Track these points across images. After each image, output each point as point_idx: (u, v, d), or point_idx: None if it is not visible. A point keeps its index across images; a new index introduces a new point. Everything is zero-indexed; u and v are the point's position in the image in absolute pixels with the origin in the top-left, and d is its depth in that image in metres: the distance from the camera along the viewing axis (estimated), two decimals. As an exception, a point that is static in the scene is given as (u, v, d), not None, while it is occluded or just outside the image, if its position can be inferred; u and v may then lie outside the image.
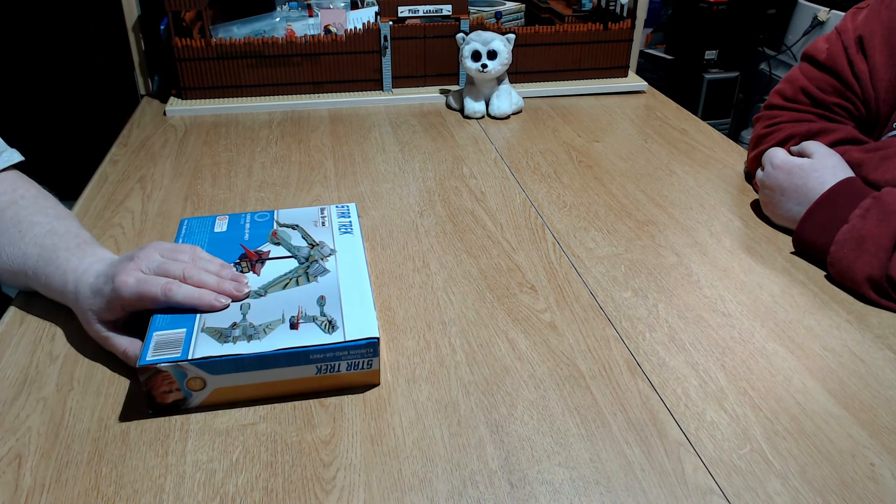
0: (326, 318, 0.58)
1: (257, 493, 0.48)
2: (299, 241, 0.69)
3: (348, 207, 0.76)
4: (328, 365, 0.56)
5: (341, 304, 0.59)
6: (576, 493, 0.49)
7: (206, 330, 0.56)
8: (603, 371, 0.60)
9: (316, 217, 0.73)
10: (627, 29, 1.28)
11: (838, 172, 0.75)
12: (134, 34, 1.24)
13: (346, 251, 0.68)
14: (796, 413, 0.56)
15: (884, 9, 0.83)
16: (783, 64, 2.42)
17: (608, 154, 1.03)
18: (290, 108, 1.20)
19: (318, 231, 0.71)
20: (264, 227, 0.71)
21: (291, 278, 0.63)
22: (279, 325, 0.57)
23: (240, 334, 0.55)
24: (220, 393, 0.55)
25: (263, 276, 0.63)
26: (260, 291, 0.61)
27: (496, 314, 0.67)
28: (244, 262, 0.65)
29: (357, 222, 0.73)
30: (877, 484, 0.49)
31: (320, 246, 0.68)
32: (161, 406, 0.55)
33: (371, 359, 0.56)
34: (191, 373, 0.53)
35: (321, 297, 0.60)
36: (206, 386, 0.54)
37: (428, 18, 1.21)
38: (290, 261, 0.66)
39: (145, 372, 0.53)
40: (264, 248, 0.67)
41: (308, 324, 0.57)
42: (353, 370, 0.56)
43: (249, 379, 0.55)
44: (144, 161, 1.00)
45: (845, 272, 0.69)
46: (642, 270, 0.75)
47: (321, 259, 0.66)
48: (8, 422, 0.54)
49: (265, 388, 0.56)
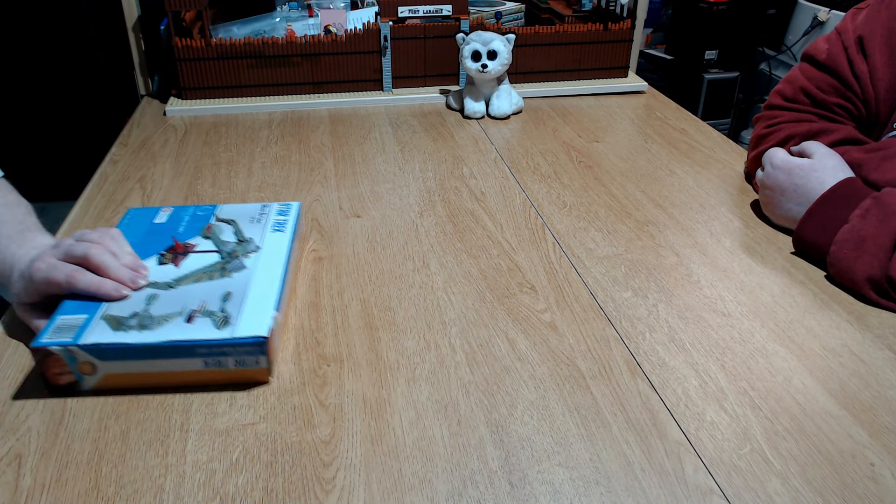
0: (224, 314, 0.59)
1: (257, 493, 0.48)
2: (230, 236, 0.70)
3: (290, 206, 0.76)
4: (215, 360, 0.57)
5: (244, 302, 0.60)
6: (576, 493, 0.49)
7: (105, 317, 0.58)
8: (603, 371, 0.60)
9: (255, 214, 0.74)
10: (627, 29, 1.28)
11: (838, 173, 0.75)
12: (134, 34, 1.24)
13: (271, 249, 0.68)
14: (796, 413, 0.56)
15: (883, 9, 0.83)
16: (783, 64, 2.42)
17: (608, 154, 1.03)
18: (290, 108, 1.20)
19: (252, 228, 0.72)
20: (202, 220, 0.73)
21: (207, 272, 0.64)
22: (176, 318, 0.58)
23: (135, 324, 0.57)
24: (111, 378, 0.57)
25: (183, 268, 0.65)
26: (172, 283, 0.62)
27: (496, 314, 0.67)
28: (168, 254, 0.67)
29: (294, 221, 0.74)
30: (877, 484, 0.49)
31: (247, 242, 0.69)
32: (55, 387, 0.57)
33: (258, 357, 0.57)
34: (81, 357, 0.55)
35: (228, 293, 0.61)
36: (96, 371, 0.56)
37: (428, 18, 1.21)
38: (213, 255, 0.67)
39: (38, 353, 0.55)
40: (193, 242, 0.69)
41: (204, 318, 0.58)
42: (240, 367, 0.57)
43: (138, 368, 0.56)
44: (144, 161, 1.00)
45: (845, 272, 0.69)
46: (642, 270, 0.75)
47: (243, 255, 0.67)
48: (8, 422, 0.54)
49: (155, 378, 0.57)
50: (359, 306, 0.68)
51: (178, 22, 1.15)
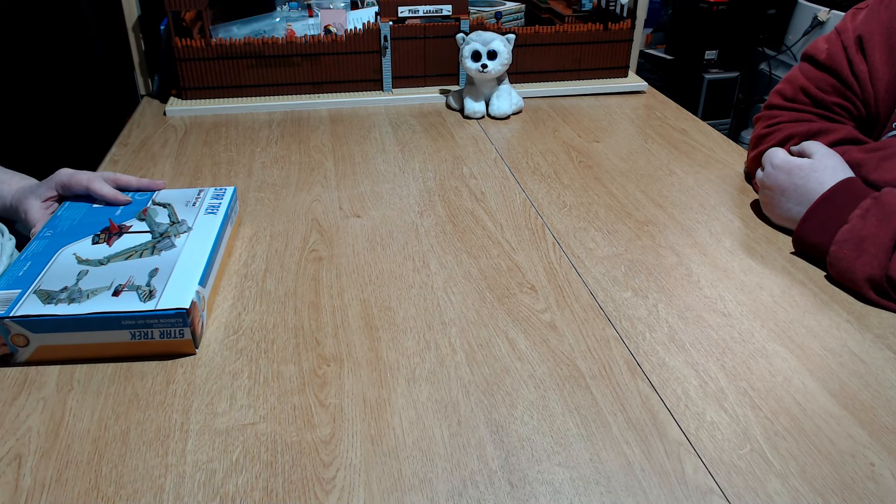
0: (149, 288, 0.62)
1: (257, 493, 0.48)
2: (164, 218, 0.74)
3: (225, 190, 0.80)
4: (141, 332, 0.60)
5: (169, 277, 0.64)
6: (576, 493, 0.49)
7: (36, 292, 0.61)
8: (603, 371, 0.60)
9: (191, 198, 0.78)
10: (627, 29, 1.28)
11: (838, 173, 0.75)
12: (134, 34, 1.24)
13: (202, 230, 0.72)
14: (796, 413, 0.56)
15: (883, 9, 0.83)
16: (783, 64, 2.42)
17: (608, 154, 1.03)
18: (290, 108, 1.20)
19: (186, 210, 0.75)
20: (140, 204, 0.77)
21: (137, 251, 0.68)
22: (103, 292, 0.61)
23: (65, 297, 0.60)
24: (44, 351, 0.60)
25: (115, 247, 0.69)
26: (103, 261, 0.66)
27: (496, 314, 0.67)
28: (102, 234, 0.71)
29: (227, 205, 0.77)
30: (877, 484, 0.49)
31: (180, 224, 0.72)
32: None
33: (182, 328, 0.60)
34: (13, 330, 0.58)
35: (155, 269, 0.65)
36: (29, 343, 0.59)
37: (428, 18, 1.21)
38: (145, 235, 0.70)
39: None
40: (128, 223, 0.73)
41: (130, 292, 0.61)
42: (165, 338, 0.60)
43: (69, 340, 0.59)
44: (144, 161, 1.00)
45: (845, 272, 0.69)
46: (642, 270, 0.75)
47: (174, 236, 0.70)
48: (8, 422, 0.54)
49: (86, 350, 0.60)
50: (359, 306, 0.68)
51: (178, 22, 1.15)
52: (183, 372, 0.59)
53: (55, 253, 0.67)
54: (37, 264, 0.65)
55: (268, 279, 0.72)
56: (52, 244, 0.69)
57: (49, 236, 0.70)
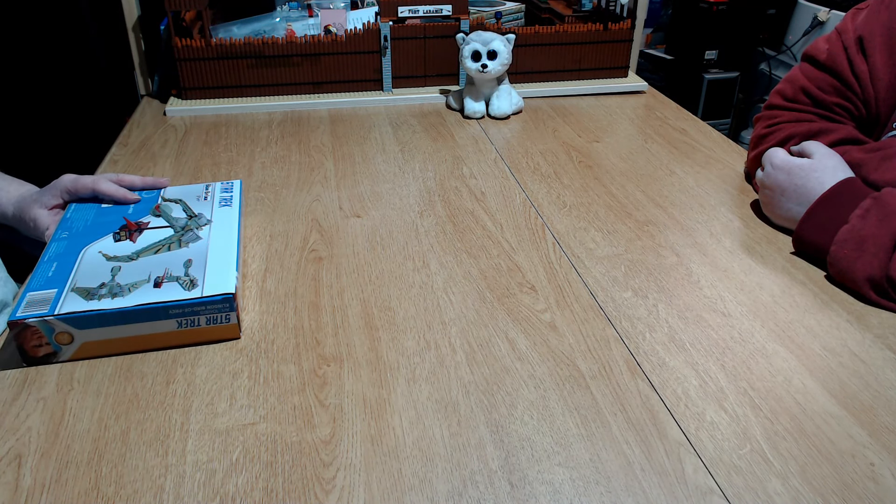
0: (189, 277, 0.63)
1: (257, 493, 0.48)
2: (179, 213, 0.75)
3: (232, 184, 0.81)
4: (188, 320, 0.61)
5: (206, 266, 0.64)
6: (576, 493, 0.49)
7: (75, 290, 0.61)
8: (603, 371, 0.60)
9: (200, 192, 0.79)
10: (627, 29, 1.28)
11: (838, 173, 0.75)
12: (134, 34, 1.24)
13: (221, 221, 0.73)
14: (796, 413, 0.56)
15: (884, 9, 0.83)
16: (783, 64, 2.42)
17: (608, 154, 1.03)
18: (290, 108, 1.20)
19: (200, 204, 0.76)
20: (150, 202, 0.77)
21: (164, 245, 0.68)
22: (144, 285, 0.62)
23: (105, 293, 0.61)
24: (88, 347, 0.60)
25: (140, 242, 0.69)
26: (132, 256, 0.66)
27: (496, 314, 0.67)
28: (123, 231, 0.71)
29: (239, 197, 0.78)
30: (877, 484, 0.49)
31: (198, 217, 0.73)
32: (33, 359, 0.60)
33: (228, 313, 0.61)
34: (58, 328, 0.58)
35: (188, 260, 0.66)
36: (73, 340, 0.59)
37: (428, 18, 1.21)
38: (167, 230, 0.71)
39: (15, 327, 0.57)
40: (145, 220, 0.73)
41: (171, 283, 0.62)
42: (212, 324, 0.61)
43: (114, 333, 0.60)
44: (144, 161, 1.00)
45: (845, 272, 0.69)
46: (642, 270, 0.75)
47: (196, 228, 0.71)
48: (8, 422, 0.54)
49: (131, 343, 0.61)
50: (359, 306, 0.68)
51: (178, 22, 1.15)
52: (183, 372, 0.59)
53: (79, 252, 0.67)
54: (64, 264, 0.65)
55: (268, 279, 0.72)
56: (73, 245, 0.68)
57: (66, 238, 0.69)
